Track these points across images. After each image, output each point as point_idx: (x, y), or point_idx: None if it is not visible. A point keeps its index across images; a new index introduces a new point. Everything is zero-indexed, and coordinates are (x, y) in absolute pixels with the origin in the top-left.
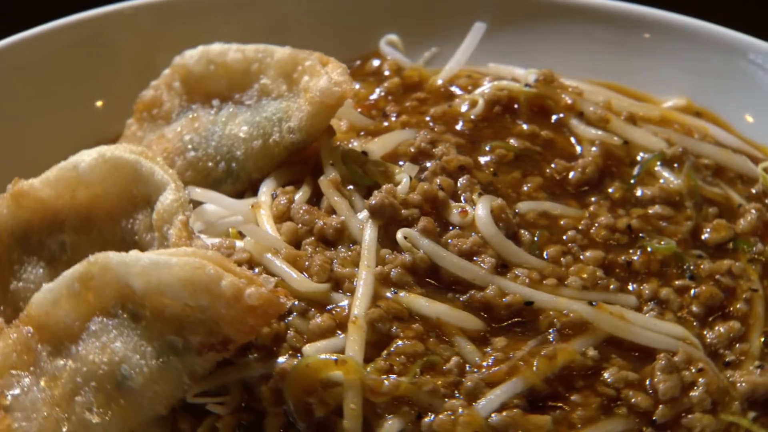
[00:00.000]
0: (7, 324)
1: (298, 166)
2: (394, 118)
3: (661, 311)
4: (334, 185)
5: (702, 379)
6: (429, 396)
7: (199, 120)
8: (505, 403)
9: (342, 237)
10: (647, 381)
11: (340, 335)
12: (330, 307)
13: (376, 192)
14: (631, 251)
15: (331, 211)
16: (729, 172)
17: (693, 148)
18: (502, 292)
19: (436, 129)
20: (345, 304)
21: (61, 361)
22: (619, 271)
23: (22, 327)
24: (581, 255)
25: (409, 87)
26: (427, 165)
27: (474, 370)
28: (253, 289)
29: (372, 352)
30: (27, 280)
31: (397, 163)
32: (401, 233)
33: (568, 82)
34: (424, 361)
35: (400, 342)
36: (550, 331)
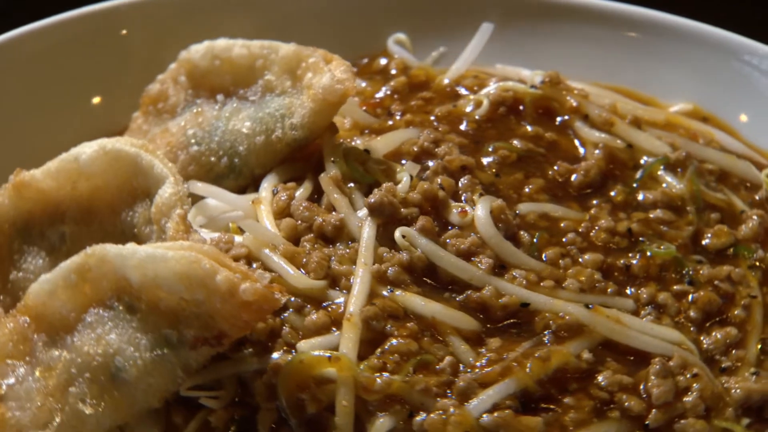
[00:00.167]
0: (6, 313)
1: (300, 162)
2: (399, 117)
3: (658, 315)
4: (335, 182)
5: (696, 385)
6: (421, 395)
7: (203, 115)
8: (497, 403)
9: (341, 234)
10: (641, 385)
11: (335, 332)
12: (326, 304)
13: (375, 190)
14: (630, 255)
15: (331, 208)
16: (733, 177)
17: (697, 153)
18: (498, 292)
19: (440, 128)
20: (341, 301)
21: (56, 351)
22: (618, 275)
23: (19, 317)
24: (580, 258)
25: (416, 86)
26: (430, 164)
27: (467, 370)
28: (247, 285)
29: (366, 350)
30: (27, 270)
31: (399, 161)
32: (399, 232)
33: (575, 85)
34: (418, 360)
35: (394, 340)
36: (546, 332)
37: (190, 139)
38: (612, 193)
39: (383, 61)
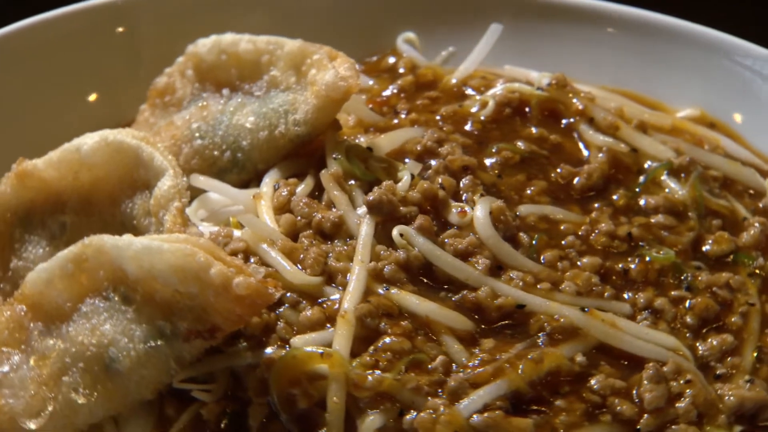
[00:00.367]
0: (4, 301)
1: (303, 158)
2: (404, 116)
3: (654, 321)
4: (335, 179)
5: (689, 391)
6: (412, 393)
7: (208, 108)
8: (488, 404)
9: (339, 231)
10: (634, 390)
11: (329, 329)
12: (321, 300)
13: (375, 188)
14: (629, 259)
15: (331, 204)
16: (737, 184)
17: (702, 158)
18: (494, 293)
19: (445, 128)
20: (336, 298)
21: (51, 340)
22: (616, 279)
23: (16, 305)
24: (578, 261)
25: (423, 85)
26: (432, 164)
27: (459, 370)
28: (241, 279)
29: (360, 347)
30: (27, 258)
31: (402, 160)
32: (397, 230)
33: (583, 88)
34: (410, 358)
35: (387, 338)
36: (540, 335)
37: (194, 133)
38: (614, 197)
39: (392, 59)
